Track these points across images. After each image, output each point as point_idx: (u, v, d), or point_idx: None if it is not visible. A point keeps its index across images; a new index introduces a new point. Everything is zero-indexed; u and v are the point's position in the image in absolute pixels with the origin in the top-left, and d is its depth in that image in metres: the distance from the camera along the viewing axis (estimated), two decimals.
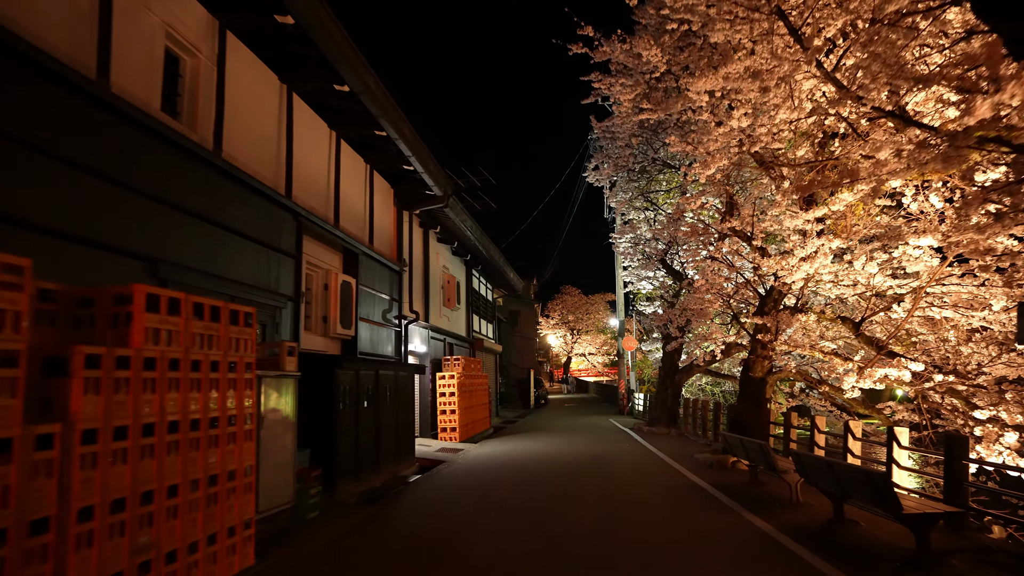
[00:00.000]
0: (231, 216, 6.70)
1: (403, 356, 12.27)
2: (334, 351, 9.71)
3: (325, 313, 9.36)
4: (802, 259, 8.00)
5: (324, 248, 9.46)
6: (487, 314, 22.54)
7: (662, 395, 15.76)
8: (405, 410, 10.56)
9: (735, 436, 7.07)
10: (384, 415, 9.43)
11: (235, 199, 6.81)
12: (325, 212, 9.34)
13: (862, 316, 9.30)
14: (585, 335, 55.67)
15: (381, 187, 11.96)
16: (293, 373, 6.23)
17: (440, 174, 12.04)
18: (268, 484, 5.72)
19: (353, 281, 9.96)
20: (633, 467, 9.66)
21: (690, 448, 11.89)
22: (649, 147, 14.79)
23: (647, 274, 16.66)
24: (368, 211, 11.17)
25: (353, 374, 8.31)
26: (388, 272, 11.79)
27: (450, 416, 14.06)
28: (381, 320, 11.36)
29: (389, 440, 9.63)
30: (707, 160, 8.59)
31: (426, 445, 12.73)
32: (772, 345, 9.37)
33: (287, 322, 7.89)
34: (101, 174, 4.95)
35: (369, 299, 10.81)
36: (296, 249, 8.17)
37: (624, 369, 25.45)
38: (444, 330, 15.86)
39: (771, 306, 9.48)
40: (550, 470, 9.62)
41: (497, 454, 11.83)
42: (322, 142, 9.41)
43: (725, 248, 9.39)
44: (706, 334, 11.40)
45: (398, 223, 12.61)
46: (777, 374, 9.29)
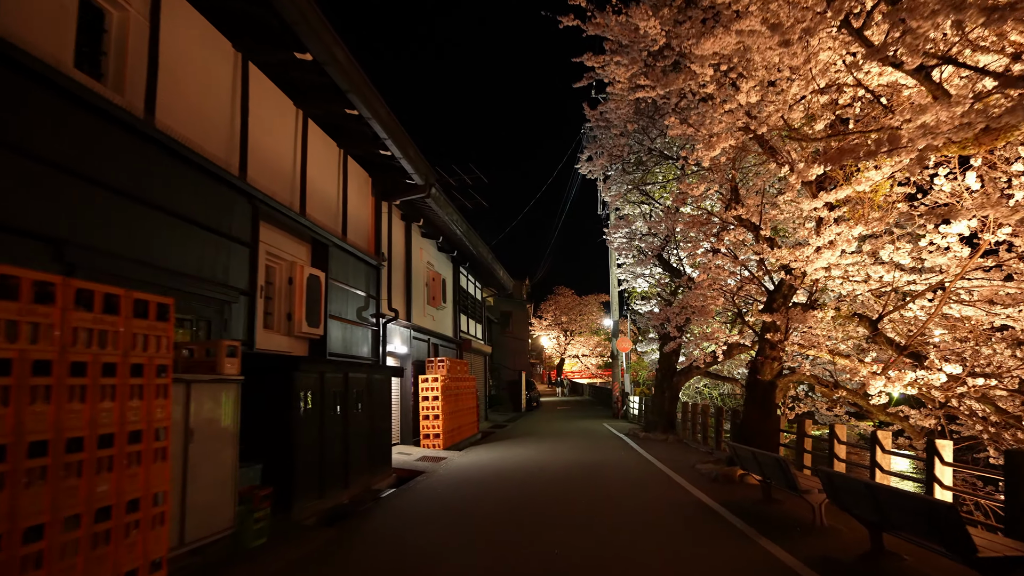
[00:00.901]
0: (168, 196, 5.80)
1: (381, 357, 11.38)
2: (300, 352, 8.81)
3: (289, 310, 8.46)
4: (818, 249, 7.18)
5: (288, 238, 8.56)
6: (476, 314, 21.66)
7: (659, 399, 14.91)
8: (380, 416, 9.66)
9: (746, 448, 6.22)
10: (355, 422, 8.54)
11: (173, 176, 5.91)
12: (289, 198, 8.45)
13: (879, 314, 8.49)
14: (579, 336, 54.91)
15: (357, 175, 11.07)
16: (234, 377, 5.33)
17: (421, 161, 11.16)
18: (199, 508, 4.82)
19: (322, 275, 9.07)
20: (630, 479, 8.80)
21: (690, 457, 11.04)
22: (645, 136, 13.97)
23: (643, 271, 15.83)
24: (341, 200, 10.27)
25: (317, 377, 7.42)
26: (364, 267, 10.90)
27: (433, 422, 13.16)
28: (356, 318, 10.46)
29: (361, 450, 8.73)
30: (711, 141, 7.79)
31: (406, 453, 11.83)
32: (782, 345, 8.53)
33: (239, 319, 6.98)
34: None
35: (342, 295, 9.91)
36: (252, 237, 7.27)
37: (618, 371, 24.60)
38: (428, 330, 14.97)
39: (780, 302, 8.64)
40: (539, 483, 8.74)
41: (482, 464, 10.95)
42: (286, 121, 8.51)
43: (730, 238, 8.55)
44: (707, 334, 10.55)
45: (376, 214, 11.71)
46: (788, 377, 8.46)
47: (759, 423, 8.49)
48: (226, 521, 5.18)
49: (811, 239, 7.31)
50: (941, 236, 7.03)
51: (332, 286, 9.50)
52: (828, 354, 8.61)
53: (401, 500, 7.86)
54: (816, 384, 8.43)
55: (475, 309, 21.60)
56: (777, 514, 6.09)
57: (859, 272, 9.03)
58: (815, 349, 8.76)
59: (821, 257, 6.67)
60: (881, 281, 8.96)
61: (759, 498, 6.61)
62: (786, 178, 8.96)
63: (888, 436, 6.11)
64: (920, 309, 9.25)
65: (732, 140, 7.74)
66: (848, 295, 9.05)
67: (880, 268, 8.84)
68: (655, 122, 13.34)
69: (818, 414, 11.04)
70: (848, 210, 7.54)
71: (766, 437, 8.45)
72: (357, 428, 8.65)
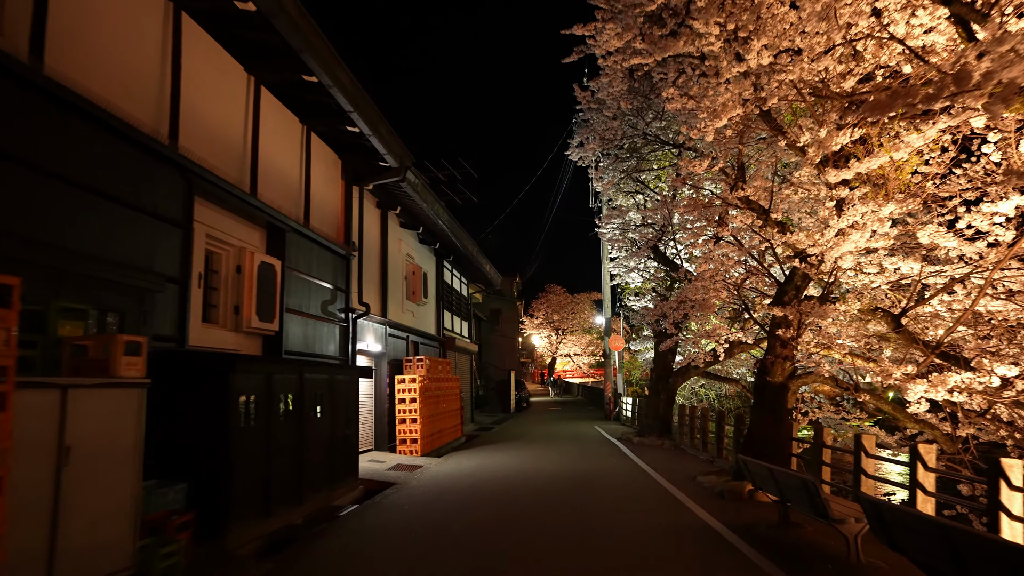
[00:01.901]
0: (63, 160, 4.76)
1: (351, 357, 10.35)
2: (252, 350, 7.77)
3: (238, 302, 7.43)
4: (840, 232, 6.22)
5: (237, 221, 7.52)
6: (461, 310, 20.63)
7: (654, 401, 13.95)
8: (345, 421, 8.65)
9: (760, 465, 5.26)
10: (313, 429, 7.53)
11: (72, 138, 4.87)
12: (238, 176, 7.42)
13: (902, 308, 7.56)
14: (570, 335, 54.05)
15: (324, 156, 10.03)
16: (135, 380, 4.30)
17: (394, 140, 10.14)
18: (78, 550, 3.80)
19: (278, 264, 8.04)
20: (624, 494, 7.83)
21: (689, 466, 10.08)
22: (639, 118, 13.00)
23: (637, 264, 14.87)
24: (304, 182, 9.24)
25: (262, 379, 6.40)
26: (331, 256, 9.87)
27: (410, 426, 12.15)
28: (321, 313, 9.43)
29: (320, 460, 7.72)
30: (716, 111, 6.84)
31: (379, 461, 10.81)
32: (794, 343, 7.58)
33: (167, 311, 5.95)
34: None
35: (302, 287, 8.88)
36: (184, 216, 6.23)
37: (611, 371, 23.66)
38: (407, 327, 13.94)
39: (792, 295, 7.69)
40: (522, 498, 7.76)
41: (462, 473, 9.95)
42: (234, 87, 7.47)
43: (737, 223, 7.58)
44: (707, 331, 9.60)
45: (346, 200, 10.68)
46: (802, 378, 7.50)
47: (769, 431, 7.54)
48: (122, 561, 4.15)
49: (831, 221, 6.35)
50: (984, 217, 6.10)
51: (291, 276, 8.48)
52: (839, 353, 7.67)
53: (361, 520, 6.85)
54: (834, 387, 7.47)
55: (461, 305, 20.58)
56: (800, 544, 5.13)
57: (872, 263, 8.15)
58: (828, 349, 7.82)
59: (848, 239, 5.71)
60: (898, 273, 8.07)
61: (775, 521, 5.65)
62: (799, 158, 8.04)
63: (932, 451, 5.15)
64: (940, 304, 8.36)
65: (739, 109, 6.79)
66: (862, 287, 8.11)
67: (897, 259, 7.96)
68: (650, 102, 12.38)
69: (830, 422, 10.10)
70: (870, 191, 6.59)
71: (776, 446, 7.50)
72: (315, 436, 7.64)
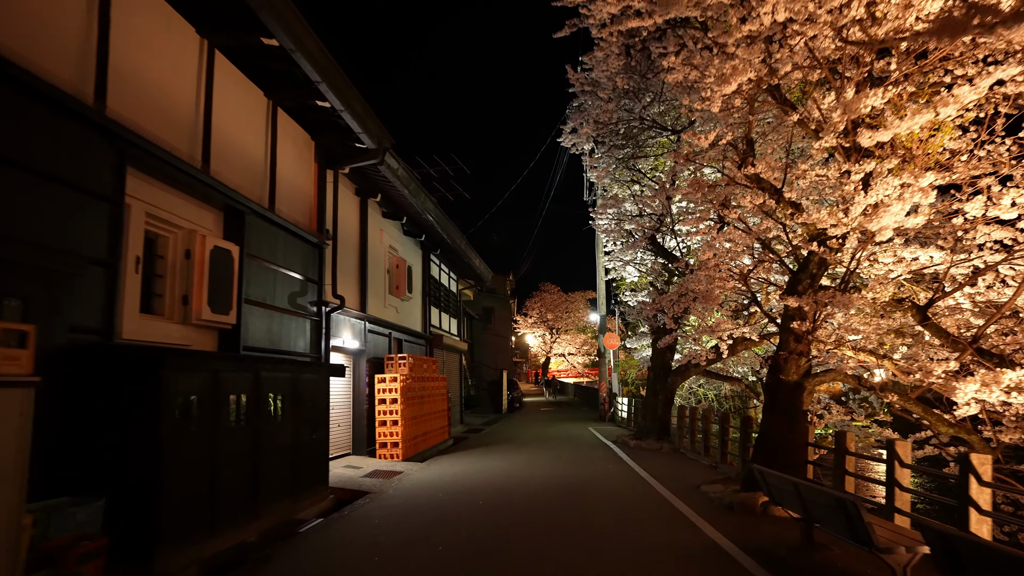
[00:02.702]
0: None
1: (323, 354, 9.52)
2: (204, 345, 6.94)
3: (186, 291, 6.59)
4: (866, 210, 5.45)
5: (185, 200, 6.68)
6: (450, 307, 19.80)
7: (651, 402, 13.15)
8: (312, 425, 7.83)
9: (782, 477, 4.45)
10: (273, 434, 6.72)
11: None
12: (188, 150, 6.59)
13: (930, 299, 6.80)
14: (565, 334, 53.29)
15: (293, 135, 9.20)
16: (16, 378, 3.48)
17: (371, 119, 9.32)
18: None
19: (236, 249, 7.21)
20: (622, 506, 7.03)
21: (691, 472, 9.29)
22: (636, 101, 12.22)
23: (633, 257, 14.08)
24: (269, 161, 8.41)
25: (207, 377, 5.58)
26: (300, 244, 9.04)
27: (391, 428, 11.33)
28: (289, 306, 8.61)
29: (280, 469, 6.90)
30: (726, 76, 6.08)
31: (355, 467, 9.99)
32: (809, 338, 6.80)
33: (91, 298, 5.12)
34: None
35: (267, 277, 8.05)
36: (114, 190, 5.39)
37: (605, 370, 22.88)
38: (389, 323, 13.11)
39: (807, 283, 6.91)
40: (508, 511, 6.95)
41: (443, 480, 9.13)
42: (182, 52, 6.63)
43: (746, 204, 6.78)
44: (710, 326, 8.82)
45: (319, 184, 9.85)
46: (820, 376, 6.72)
47: (782, 434, 6.76)
48: None
49: (856, 198, 5.57)
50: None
51: (251, 264, 7.65)
52: (849, 350, 6.90)
53: (323, 536, 6.03)
54: (856, 385, 6.69)
55: (449, 302, 19.75)
56: (830, 571, 4.34)
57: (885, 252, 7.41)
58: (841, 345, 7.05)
59: (887, 213, 4.92)
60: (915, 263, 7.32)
61: (796, 542, 4.85)
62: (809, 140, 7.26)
63: (987, 462, 4.37)
64: (963, 296, 7.63)
65: (751, 73, 6.03)
66: (880, 278, 7.34)
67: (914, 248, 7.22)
68: (648, 83, 11.61)
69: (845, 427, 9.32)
70: (896, 166, 5.81)
71: (791, 452, 6.72)
72: (275, 441, 6.83)
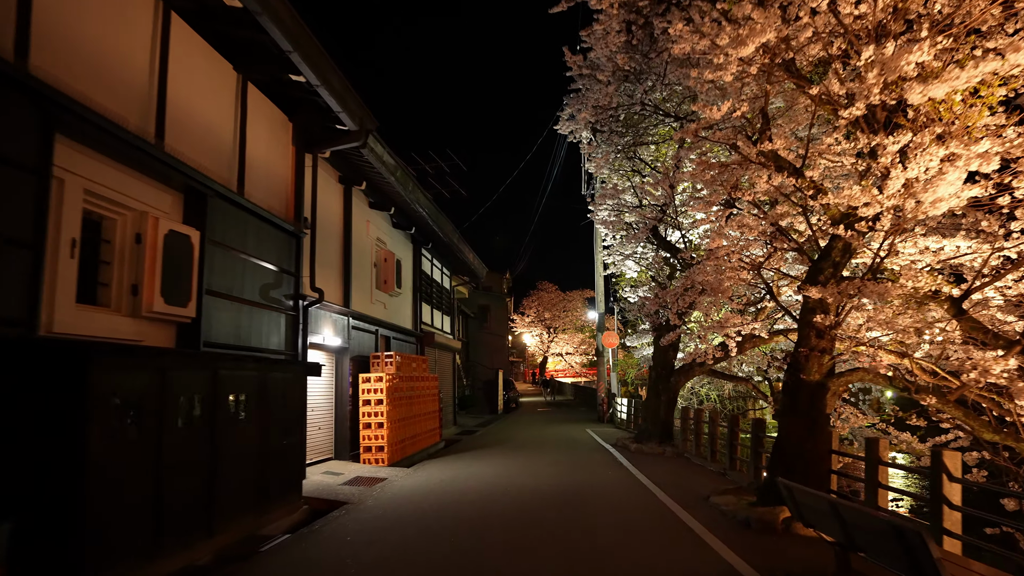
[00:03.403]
0: None
1: (301, 351, 8.81)
2: (158, 340, 6.21)
3: (136, 279, 5.87)
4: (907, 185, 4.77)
5: (136, 178, 5.95)
6: (443, 304, 19.07)
7: (653, 402, 12.44)
8: (284, 429, 7.14)
9: (819, 497, 3.72)
10: (234, 439, 6.02)
11: None
12: (139, 121, 5.87)
13: (966, 290, 6.11)
14: (562, 334, 52.65)
15: (268, 114, 8.49)
16: None
17: (351, 97, 8.61)
18: None
19: (196, 235, 6.49)
20: (623, 520, 6.33)
21: (698, 480, 8.59)
22: (638, 85, 11.51)
23: (634, 250, 13.38)
24: (238, 140, 7.69)
25: (152, 377, 4.89)
26: (275, 232, 8.32)
27: (376, 431, 10.62)
28: (260, 299, 7.89)
29: (242, 478, 6.20)
30: (741, 35, 5.42)
31: (335, 474, 9.28)
32: (832, 333, 6.11)
33: (15, 285, 4.40)
34: None
35: (234, 266, 7.34)
36: (39, 159, 4.67)
37: (604, 370, 22.18)
38: (376, 319, 12.40)
39: (829, 272, 6.21)
40: (497, 525, 6.25)
41: (430, 489, 8.42)
42: (126, 7, 5.90)
43: (761, 185, 6.08)
44: (718, 321, 8.12)
45: (297, 169, 9.13)
46: (846, 376, 6.02)
47: (803, 441, 6.06)
48: None
49: (893, 171, 4.88)
50: None
51: (216, 252, 6.93)
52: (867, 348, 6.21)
53: (286, 557, 5.32)
54: (888, 385, 5.99)
55: (442, 299, 19.03)
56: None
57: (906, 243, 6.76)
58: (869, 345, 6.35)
59: (942, 183, 4.22)
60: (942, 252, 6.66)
61: (830, 570, 4.15)
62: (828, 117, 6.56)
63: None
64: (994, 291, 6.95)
65: (771, 34, 5.36)
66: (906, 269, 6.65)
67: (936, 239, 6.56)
68: (650, 64, 10.89)
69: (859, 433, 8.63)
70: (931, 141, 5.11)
71: (812, 461, 6.03)
72: (238, 447, 6.14)
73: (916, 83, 4.06)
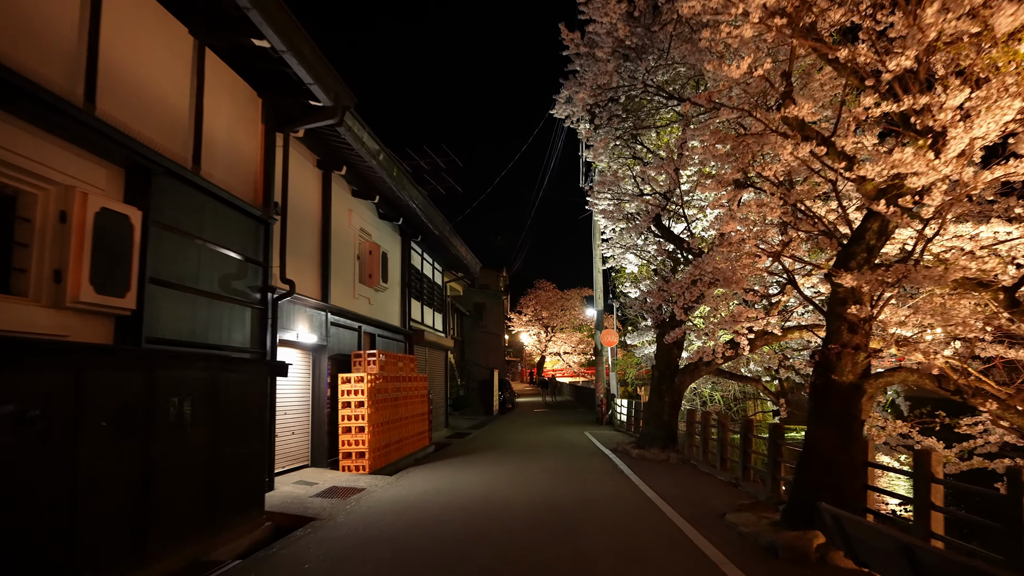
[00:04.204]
0: None
1: (269, 348, 7.98)
2: (90, 336, 5.37)
3: (60, 265, 5.04)
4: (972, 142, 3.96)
5: (61, 147, 5.12)
6: (434, 301, 18.23)
7: (656, 404, 11.61)
8: (241, 436, 6.32)
9: (883, 533, 2.89)
10: (173, 450, 5.21)
11: None
12: (64, 82, 5.05)
13: (1021, 277, 5.31)
14: (560, 333, 51.87)
15: (232, 87, 7.66)
16: None
17: (325, 69, 7.80)
18: None
19: (137, 215, 5.65)
20: (627, 545, 5.50)
21: (709, 492, 7.77)
22: (639, 64, 10.70)
23: (635, 241, 12.56)
24: (194, 112, 6.86)
25: (60, 378, 4.07)
26: (239, 217, 7.50)
27: (356, 436, 9.79)
28: (220, 290, 7.06)
29: (187, 494, 5.38)
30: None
31: (308, 483, 8.45)
32: (868, 327, 5.29)
33: None
34: None
35: (187, 253, 6.51)
36: None
37: (603, 369, 21.36)
38: (359, 315, 11.57)
39: (863, 257, 5.39)
40: (481, 550, 5.43)
41: (410, 502, 7.60)
42: None
43: (787, 156, 5.25)
44: (732, 315, 7.32)
45: (268, 150, 8.31)
46: (885, 377, 5.20)
47: (834, 451, 5.24)
48: None
49: (952, 131, 4.07)
50: None
51: (163, 236, 6.10)
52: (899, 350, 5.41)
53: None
54: (936, 388, 5.16)
55: (433, 295, 18.19)
56: None
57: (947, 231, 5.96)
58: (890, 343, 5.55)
59: None
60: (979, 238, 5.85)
61: None
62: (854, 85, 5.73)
63: None
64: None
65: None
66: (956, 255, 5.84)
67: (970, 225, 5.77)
68: (653, 38, 10.09)
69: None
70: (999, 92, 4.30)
71: (846, 476, 5.21)
72: (182, 459, 5.33)
73: (1008, 2, 3.24)
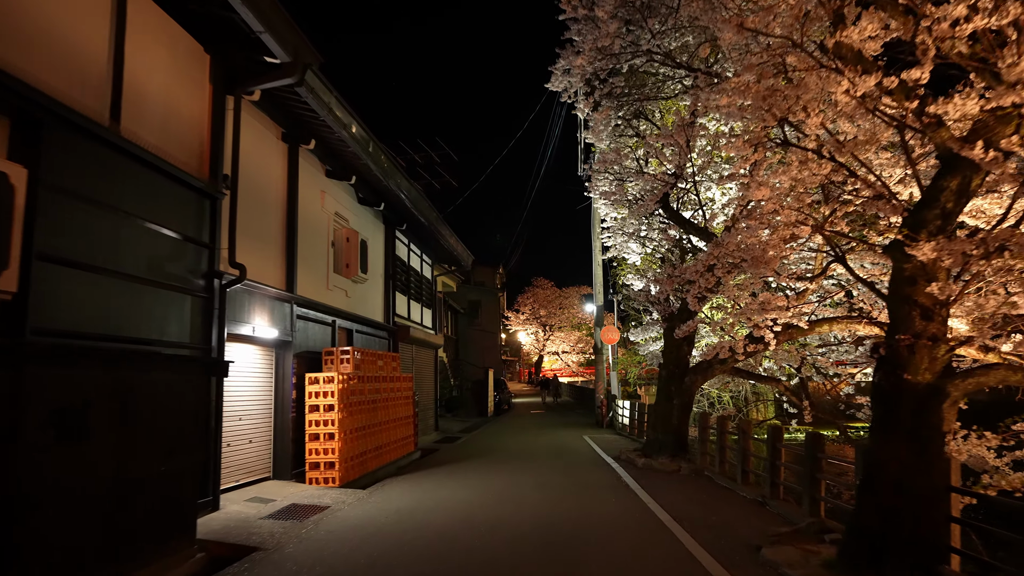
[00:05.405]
0: None
1: (215, 344, 6.80)
2: None
3: None
4: None
5: None
6: (423, 295, 17.03)
7: (664, 408, 10.41)
8: (166, 450, 5.15)
9: None
10: (58, 471, 4.04)
11: None
12: None
13: None
14: (559, 331, 50.80)
15: (169, 36, 6.47)
16: None
17: (281, 18, 6.64)
18: None
19: (21, 174, 4.46)
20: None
21: (733, 514, 6.59)
22: (644, 28, 9.53)
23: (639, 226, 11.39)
24: (111, 59, 5.66)
25: None
26: (177, 189, 6.32)
27: (325, 444, 8.61)
28: (148, 274, 5.86)
29: (81, 526, 4.21)
30: None
31: (263, 500, 7.27)
32: (945, 312, 4.13)
33: None
34: None
35: (101, 226, 5.31)
36: None
37: (603, 369, 20.19)
38: (333, 308, 10.40)
39: (937, 224, 4.23)
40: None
41: (377, 526, 6.42)
42: None
43: (840, 97, 4.08)
44: (761, 304, 6.15)
45: (216, 113, 7.13)
46: (977, 375, 4.03)
47: (905, 470, 4.07)
48: None
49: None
50: None
51: (66, 204, 4.91)
52: (979, 350, 4.26)
53: None
54: None
55: (422, 289, 17.00)
56: None
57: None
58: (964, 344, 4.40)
59: None
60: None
61: None
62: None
63: None
64: None
65: None
66: None
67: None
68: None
69: None
70: None
71: (923, 502, 4.04)
72: (72, 481, 4.15)
73: None
